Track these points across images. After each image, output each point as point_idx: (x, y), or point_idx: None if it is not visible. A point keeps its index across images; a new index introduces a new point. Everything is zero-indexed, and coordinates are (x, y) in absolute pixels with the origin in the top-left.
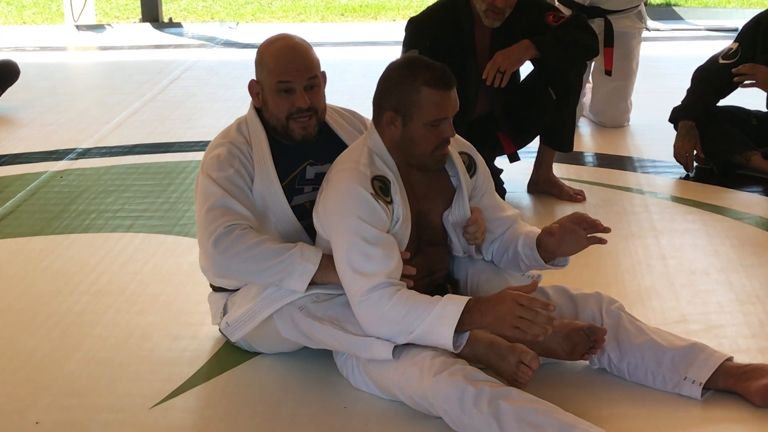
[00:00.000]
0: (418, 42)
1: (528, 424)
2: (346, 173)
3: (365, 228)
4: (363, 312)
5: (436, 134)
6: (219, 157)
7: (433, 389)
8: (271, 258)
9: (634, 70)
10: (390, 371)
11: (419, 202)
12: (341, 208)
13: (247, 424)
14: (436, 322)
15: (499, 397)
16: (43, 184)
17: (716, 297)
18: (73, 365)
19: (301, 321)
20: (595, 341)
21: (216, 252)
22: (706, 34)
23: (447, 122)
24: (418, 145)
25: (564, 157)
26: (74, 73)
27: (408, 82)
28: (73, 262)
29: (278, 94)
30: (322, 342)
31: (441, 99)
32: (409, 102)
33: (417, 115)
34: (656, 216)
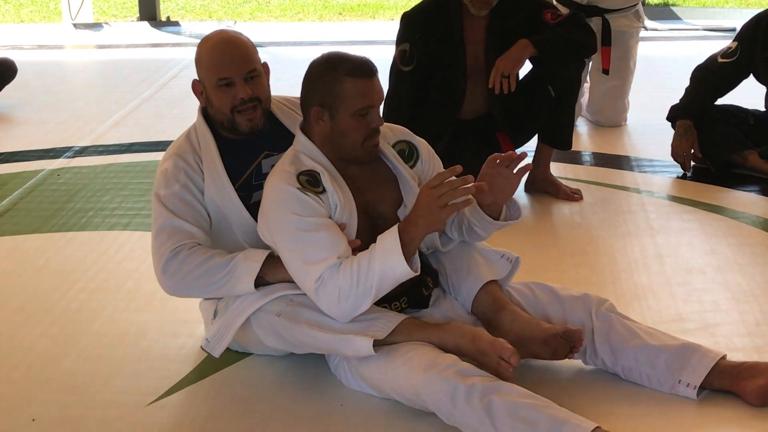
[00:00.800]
0: (409, 36)
1: (520, 419)
2: (273, 177)
3: (302, 221)
4: (321, 297)
5: (365, 124)
6: (166, 172)
7: (424, 386)
8: (219, 271)
9: (631, 70)
10: (380, 371)
11: (363, 194)
12: (275, 211)
13: (243, 422)
14: (384, 258)
15: (491, 392)
16: (40, 182)
17: (712, 296)
18: (69, 362)
19: (280, 327)
20: (574, 343)
21: (166, 277)
22: (703, 34)
23: (374, 111)
24: (347, 137)
25: (561, 156)
26: (71, 71)
27: (330, 75)
28: (70, 260)
29: (219, 89)
30: (305, 345)
31: (365, 87)
32: (334, 94)
33: (343, 106)
34: (653, 215)
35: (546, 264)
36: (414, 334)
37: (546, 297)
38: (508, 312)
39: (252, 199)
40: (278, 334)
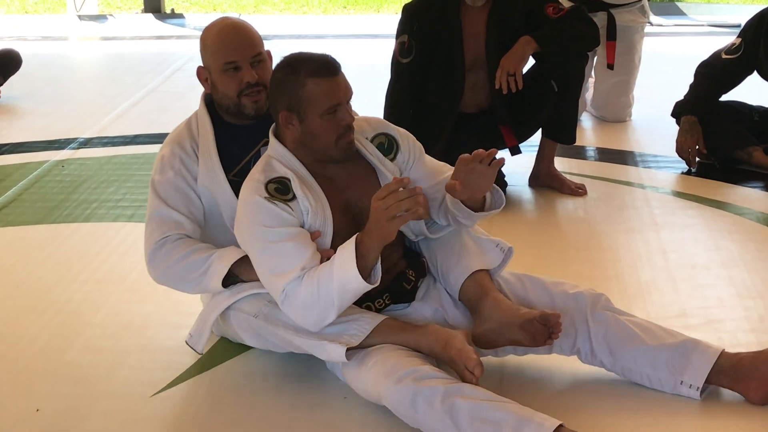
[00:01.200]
0: (407, 28)
1: (483, 420)
2: (244, 187)
3: (268, 232)
4: (287, 309)
5: (335, 123)
6: (162, 158)
7: (386, 393)
8: (197, 268)
9: (636, 65)
10: (356, 375)
11: (344, 192)
12: (245, 222)
13: (246, 414)
14: (341, 272)
15: (453, 394)
16: (45, 173)
17: (716, 291)
18: (73, 353)
19: (259, 328)
20: (552, 327)
21: (151, 268)
22: (708, 29)
23: (342, 109)
24: (319, 138)
25: (565, 151)
26: (76, 63)
27: (292, 79)
28: (74, 251)
29: (225, 73)
30: (284, 346)
31: (329, 87)
32: (299, 98)
33: (310, 108)
34: (657, 210)
35: (549, 259)
36: (390, 336)
37: (536, 292)
38: (490, 299)
39: None
40: (258, 335)
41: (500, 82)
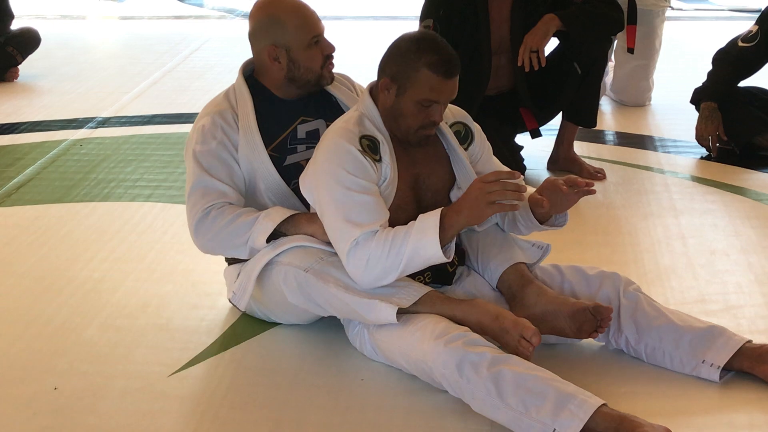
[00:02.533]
0: (432, 12)
1: (527, 391)
2: (335, 132)
3: (354, 180)
4: (351, 260)
5: (425, 115)
6: (203, 128)
7: (433, 353)
8: (244, 231)
9: (656, 49)
10: (395, 337)
11: (416, 166)
12: (329, 165)
13: (263, 395)
14: (419, 237)
15: (500, 363)
16: (63, 152)
17: (735, 277)
18: (91, 332)
19: (306, 283)
20: (601, 320)
21: (197, 237)
22: (729, 14)
23: (438, 107)
24: (404, 118)
25: (584, 135)
26: (95, 42)
27: (412, 58)
28: (92, 230)
29: (310, 48)
30: (328, 305)
31: (438, 84)
32: (407, 76)
33: (411, 90)
34: (676, 195)
35: (568, 243)
36: (437, 306)
37: (574, 276)
38: (534, 286)
39: (285, 161)
40: (303, 291)
41: (523, 58)
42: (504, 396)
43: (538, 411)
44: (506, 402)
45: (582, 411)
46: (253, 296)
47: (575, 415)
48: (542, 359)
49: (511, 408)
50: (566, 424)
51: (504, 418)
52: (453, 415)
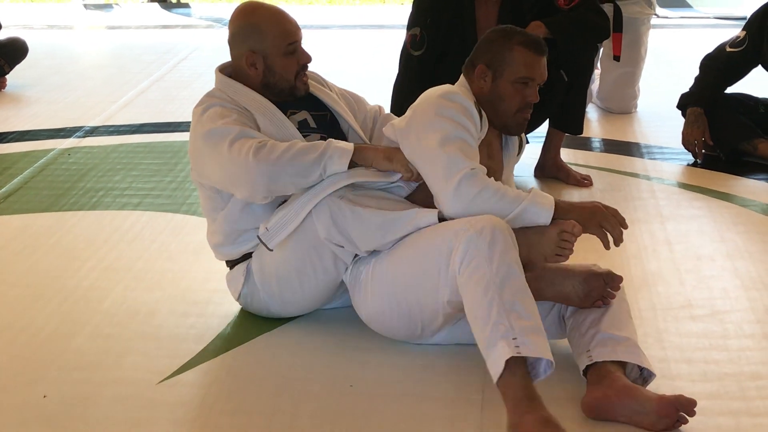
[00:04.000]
0: (419, 20)
1: (521, 299)
2: (445, 87)
3: (465, 122)
4: (464, 187)
5: (522, 95)
6: (215, 112)
7: (466, 231)
8: (310, 152)
9: (642, 57)
10: (408, 248)
11: (491, 159)
12: (443, 107)
13: (252, 402)
14: (535, 203)
15: (516, 264)
16: (51, 161)
17: (722, 283)
18: (80, 340)
19: (339, 211)
20: (611, 287)
21: (258, 161)
22: (714, 22)
23: (534, 86)
24: (503, 102)
25: (571, 141)
26: (82, 51)
27: (503, 41)
28: (81, 238)
29: (287, 56)
30: (357, 234)
31: (532, 60)
32: (501, 58)
33: (507, 71)
34: (663, 202)
35: None
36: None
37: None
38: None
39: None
40: (336, 220)
41: None
42: (503, 288)
43: (519, 319)
44: (501, 294)
45: (539, 348)
46: (263, 273)
47: (537, 345)
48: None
49: (500, 304)
50: (528, 342)
51: (483, 311)
52: (442, 421)
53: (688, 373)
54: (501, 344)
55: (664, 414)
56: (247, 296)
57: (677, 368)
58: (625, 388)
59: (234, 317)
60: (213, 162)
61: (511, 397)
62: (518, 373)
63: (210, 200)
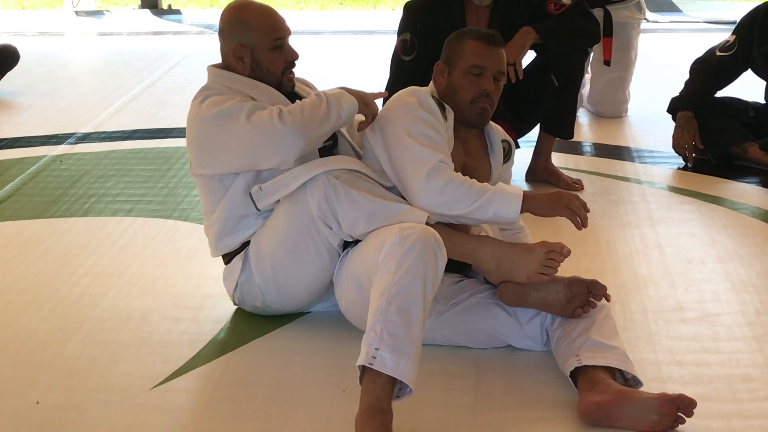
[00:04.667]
0: (410, 26)
1: (402, 310)
2: (406, 90)
3: (429, 119)
4: (433, 179)
5: (476, 85)
6: (217, 98)
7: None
8: (318, 104)
9: (632, 61)
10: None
11: (467, 156)
12: (405, 105)
13: (245, 407)
14: (502, 193)
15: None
16: (43, 168)
17: (712, 286)
18: (73, 346)
19: (333, 191)
20: (594, 296)
21: (285, 124)
22: (704, 26)
23: (487, 75)
24: (457, 93)
25: (562, 146)
26: (73, 58)
27: (456, 37)
28: (72, 245)
29: (273, 51)
30: (348, 217)
31: (482, 50)
32: (455, 52)
33: (459, 62)
34: (653, 205)
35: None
36: (452, 234)
37: None
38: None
39: None
40: (329, 199)
41: None
42: (394, 298)
43: (391, 334)
44: (390, 304)
45: (397, 368)
46: (259, 256)
47: (395, 364)
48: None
49: (384, 313)
50: (387, 359)
51: (372, 311)
52: (434, 424)
53: (680, 376)
54: (364, 349)
55: (666, 411)
56: (243, 285)
57: (668, 371)
58: (623, 392)
59: (226, 323)
60: (231, 141)
61: (365, 401)
62: (378, 383)
63: (210, 191)
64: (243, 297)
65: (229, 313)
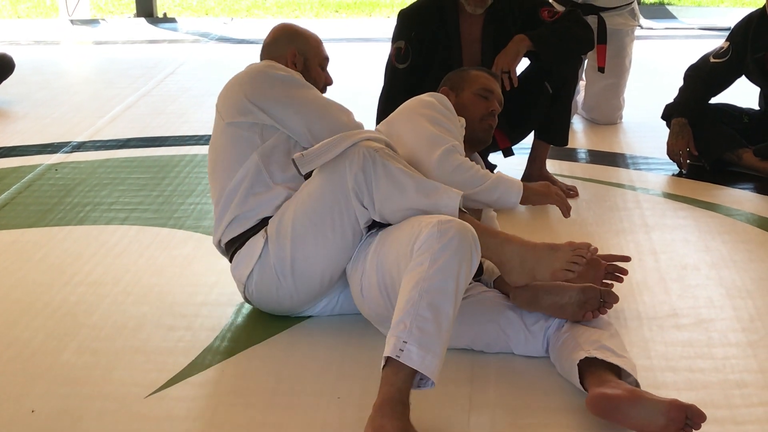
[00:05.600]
0: (404, 33)
1: (434, 305)
2: (428, 94)
3: (447, 114)
4: (447, 160)
5: (485, 105)
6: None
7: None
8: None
9: (627, 68)
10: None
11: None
12: (422, 101)
13: (241, 414)
14: (506, 181)
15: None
16: (38, 176)
17: (707, 291)
18: (68, 355)
19: (372, 160)
20: (605, 304)
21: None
22: (699, 33)
23: (493, 100)
24: (467, 109)
25: (557, 153)
26: (69, 67)
27: (459, 72)
28: (68, 253)
29: (320, 68)
30: (381, 187)
31: (487, 80)
32: (460, 79)
33: (467, 86)
34: (648, 212)
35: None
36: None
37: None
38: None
39: None
40: (366, 169)
41: None
42: (427, 293)
43: (420, 328)
44: (422, 297)
45: (423, 363)
46: (280, 231)
47: (421, 359)
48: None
49: (415, 305)
50: (414, 353)
51: (402, 302)
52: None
53: (674, 382)
54: (392, 341)
55: (674, 417)
56: (258, 272)
57: (662, 377)
58: (636, 391)
59: (222, 330)
60: (300, 101)
61: (385, 392)
62: (400, 375)
63: (241, 145)
64: (256, 285)
65: (225, 321)
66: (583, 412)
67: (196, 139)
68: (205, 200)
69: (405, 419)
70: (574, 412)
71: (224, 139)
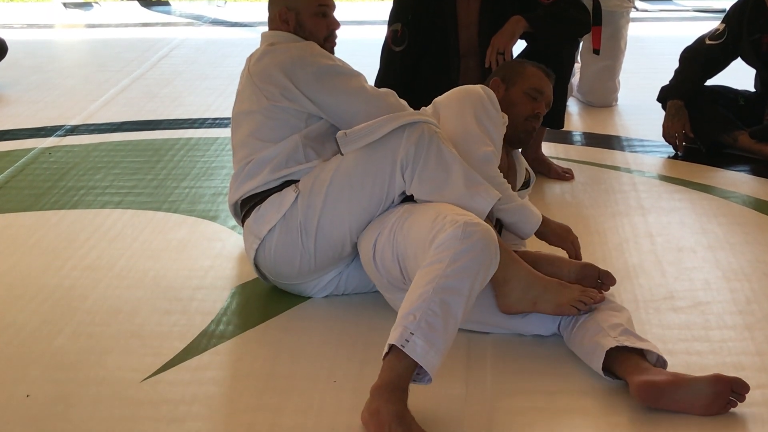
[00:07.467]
0: (401, 16)
1: (448, 310)
2: (482, 86)
3: (494, 116)
4: (487, 166)
5: (532, 106)
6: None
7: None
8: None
9: (622, 50)
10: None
11: (506, 174)
12: (477, 94)
13: (236, 398)
14: (529, 208)
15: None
16: (32, 160)
17: (703, 274)
18: (63, 339)
19: (428, 141)
20: (602, 285)
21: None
22: (693, 14)
23: (542, 101)
24: (514, 107)
25: (553, 135)
26: (62, 50)
27: (516, 63)
28: (62, 237)
29: (316, 16)
30: (431, 169)
31: (541, 79)
32: (514, 72)
33: (519, 82)
34: (644, 194)
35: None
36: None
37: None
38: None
39: None
40: (418, 145)
41: (490, 60)
42: (441, 291)
43: (428, 323)
44: (435, 294)
45: (425, 357)
46: (316, 183)
47: (424, 353)
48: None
49: (428, 301)
50: (419, 346)
51: (414, 293)
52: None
53: (671, 365)
54: (398, 330)
55: (720, 390)
56: (281, 228)
57: None
58: (679, 375)
59: (217, 314)
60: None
61: (385, 376)
62: (403, 363)
63: (284, 124)
64: (276, 242)
65: (221, 305)
66: (577, 395)
67: (190, 122)
68: (199, 184)
69: (401, 404)
70: (571, 395)
71: (264, 115)
